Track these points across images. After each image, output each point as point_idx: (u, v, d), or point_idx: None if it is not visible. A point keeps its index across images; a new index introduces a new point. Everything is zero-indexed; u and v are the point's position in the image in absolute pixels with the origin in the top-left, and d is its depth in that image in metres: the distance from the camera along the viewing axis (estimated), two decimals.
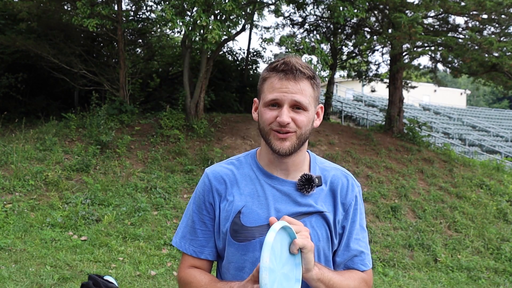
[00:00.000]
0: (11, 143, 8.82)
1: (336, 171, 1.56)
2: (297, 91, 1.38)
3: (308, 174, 1.46)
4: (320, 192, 1.49)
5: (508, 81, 13.09)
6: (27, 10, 11.07)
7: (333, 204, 1.50)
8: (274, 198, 1.46)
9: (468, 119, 28.96)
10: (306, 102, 1.39)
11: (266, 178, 1.49)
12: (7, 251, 5.42)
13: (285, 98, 1.38)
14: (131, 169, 8.58)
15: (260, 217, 1.44)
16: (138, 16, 14.01)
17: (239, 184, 1.50)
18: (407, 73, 16.68)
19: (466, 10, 11.77)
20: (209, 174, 1.54)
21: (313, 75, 1.42)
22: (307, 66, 1.42)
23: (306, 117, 1.41)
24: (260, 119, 1.44)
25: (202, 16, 9.02)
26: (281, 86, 1.38)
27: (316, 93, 1.44)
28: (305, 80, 1.40)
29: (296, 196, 1.46)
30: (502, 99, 57.40)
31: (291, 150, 1.40)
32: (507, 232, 8.74)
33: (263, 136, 1.44)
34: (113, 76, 12.36)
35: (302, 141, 1.43)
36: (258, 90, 1.48)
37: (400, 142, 12.84)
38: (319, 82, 1.46)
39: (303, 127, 1.40)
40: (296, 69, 1.38)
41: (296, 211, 1.44)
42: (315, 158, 1.58)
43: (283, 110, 1.37)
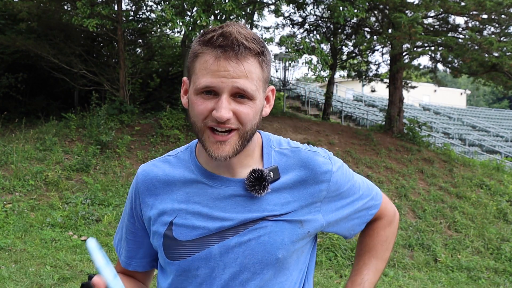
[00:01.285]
0: (11, 143, 8.82)
1: (298, 152, 1.18)
2: (240, 74, 1.02)
3: (258, 169, 1.11)
4: (280, 186, 1.14)
5: (508, 81, 13.09)
6: (27, 10, 11.08)
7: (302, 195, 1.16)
8: (216, 204, 1.13)
9: (468, 119, 28.97)
10: (252, 89, 1.04)
11: (206, 178, 1.16)
12: (7, 251, 5.42)
13: (224, 84, 1.02)
14: (131, 169, 8.58)
15: (197, 229, 1.12)
16: (138, 16, 14.02)
17: (172, 187, 1.18)
18: (407, 73, 16.68)
19: (466, 10, 11.77)
20: (139, 175, 1.23)
21: (261, 49, 1.06)
22: (253, 37, 1.06)
23: (253, 108, 1.06)
24: (191, 111, 1.09)
25: (202, 16, 9.03)
26: (218, 67, 1.02)
27: (266, 73, 1.09)
28: (251, 58, 1.04)
29: (245, 198, 1.13)
30: (502, 99, 57.42)
31: (232, 155, 1.07)
32: (507, 232, 8.74)
33: (196, 133, 1.10)
34: (113, 76, 12.37)
35: (248, 139, 1.09)
36: (188, 69, 1.12)
37: (400, 142, 12.84)
38: (269, 58, 1.10)
39: (248, 122, 1.06)
40: (238, 43, 1.02)
41: (246, 218, 1.11)
42: (269, 141, 1.21)
43: (221, 100, 1.02)
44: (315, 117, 18.57)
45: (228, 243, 1.11)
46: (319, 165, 1.17)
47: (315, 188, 1.16)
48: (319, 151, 1.21)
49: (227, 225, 1.11)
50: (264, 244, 1.11)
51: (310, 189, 1.16)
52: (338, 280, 5.98)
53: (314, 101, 22.48)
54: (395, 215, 1.36)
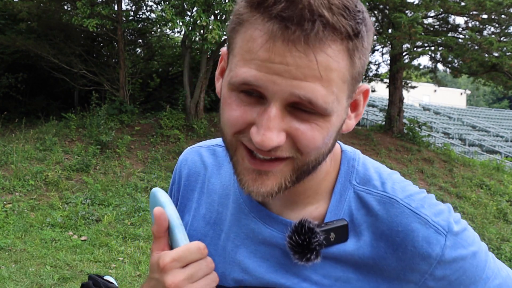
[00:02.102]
0: (11, 143, 8.82)
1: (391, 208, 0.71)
2: (310, 71, 0.58)
3: (309, 228, 0.69)
4: (343, 255, 0.72)
5: (508, 81, 13.10)
6: (27, 10, 11.08)
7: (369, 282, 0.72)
8: (245, 244, 0.77)
9: (468, 119, 28.97)
10: (326, 101, 0.60)
11: (244, 202, 0.78)
12: (7, 251, 5.42)
13: (278, 84, 0.59)
14: (131, 169, 8.58)
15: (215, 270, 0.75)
16: (138, 16, 14.02)
17: (207, 195, 0.85)
18: (407, 73, 16.68)
19: (466, 10, 11.78)
20: (182, 159, 0.91)
21: (356, 28, 0.59)
22: (345, 5, 0.58)
23: (324, 129, 0.63)
24: (221, 112, 0.67)
25: (202, 16, 9.03)
26: (270, 55, 0.58)
27: (359, 67, 0.63)
28: (334, 44, 0.58)
29: (284, 252, 0.74)
30: (502, 99, 57.44)
31: (278, 193, 0.66)
32: (507, 232, 8.74)
33: (226, 147, 0.69)
34: (113, 76, 12.37)
35: (308, 173, 0.67)
36: (228, 40, 0.68)
37: (400, 142, 12.85)
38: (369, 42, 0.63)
39: (311, 150, 0.63)
40: (314, 16, 0.56)
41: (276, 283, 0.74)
42: (350, 170, 0.75)
43: (268, 114, 0.60)
44: None
45: None
46: (416, 241, 0.68)
47: (399, 276, 0.70)
48: (427, 215, 0.69)
49: (247, 283, 0.76)
50: None
51: (391, 275, 0.70)
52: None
53: None
54: None
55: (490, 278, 0.72)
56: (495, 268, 0.73)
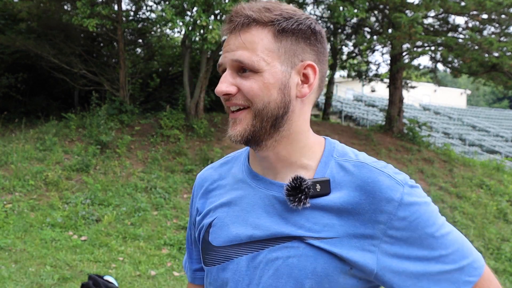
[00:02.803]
0: (11, 143, 8.82)
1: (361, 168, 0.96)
2: (239, 45, 0.94)
3: (299, 177, 0.95)
4: (328, 205, 0.95)
5: (508, 81, 13.09)
6: (27, 10, 11.07)
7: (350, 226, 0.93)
8: (254, 208, 1.01)
9: (468, 119, 28.97)
10: (252, 59, 0.92)
11: (251, 179, 1.06)
12: (7, 251, 5.42)
13: (225, 59, 0.96)
14: (131, 169, 8.58)
15: (229, 235, 1.02)
16: (138, 16, 14.01)
17: (222, 189, 1.11)
18: (407, 73, 16.68)
19: (466, 10, 11.78)
20: (197, 179, 1.19)
21: (275, 17, 0.95)
22: (268, 7, 0.95)
23: (258, 81, 0.93)
24: None
25: (202, 16, 9.02)
26: (225, 44, 0.98)
27: (286, 44, 0.95)
28: (256, 28, 0.94)
29: (284, 208, 0.98)
30: (502, 99, 57.44)
31: (246, 136, 0.96)
32: (507, 232, 8.74)
33: None
34: (113, 76, 12.37)
35: (269, 120, 0.95)
36: None
37: (400, 142, 12.85)
38: (294, 28, 0.96)
39: (254, 97, 0.93)
40: (239, 15, 0.95)
41: (278, 231, 0.97)
42: (332, 149, 1.02)
43: (223, 75, 0.97)
44: (315, 117, 18.58)
45: (256, 256, 0.98)
46: (381, 189, 0.91)
47: (371, 216, 0.91)
48: (389, 172, 0.94)
49: (257, 235, 0.98)
50: (291, 268, 0.94)
51: (365, 217, 0.92)
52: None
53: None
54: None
55: (442, 225, 0.93)
56: (443, 219, 0.95)
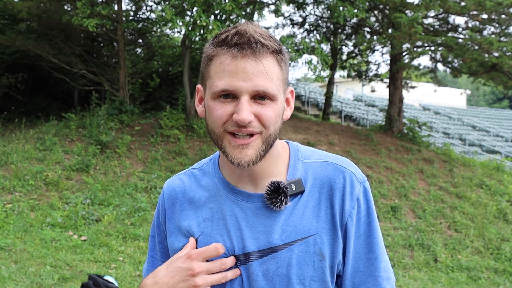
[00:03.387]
0: (11, 143, 8.82)
1: (327, 166, 1.09)
2: (260, 73, 0.97)
3: (276, 181, 1.04)
4: (303, 202, 1.06)
5: (508, 81, 13.09)
6: (27, 10, 11.07)
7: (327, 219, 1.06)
8: (239, 221, 1.07)
9: (468, 119, 28.96)
10: (273, 89, 0.98)
11: (229, 192, 1.10)
12: (7, 251, 5.42)
13: (244, 86, 0.96)
14: (131, 169, 8.58)
15: None
16: (138, 16, 14.02)
17: (197, 203, 1.13)
18: (407, 73, 16.68)
19: (466, 10, 11.77)
20: (165, 190, 1.20)
21: (279, 47, 1.01)
22: (269, 35, 1.01)
23: (275, 110, 1.00)
24: (209, 118, 1.03)
25: (202, 16, 9.02)
26: (236, 68, 0.96)
27: (285, 73, 1.04)
28: (269, 56, 0.99)
29: (266, 216, 1.06)
30: (502, 99, 57.43)
31: (256, 160, 1.01)
32: (507, 232, 8.74)
33: (215, 141, 1.03)
34: (113, 76, 12.37)
35: (271, 143, 1.03)
36: (202, 75, 1.06)
37: (400, 142, 12.84)
38: (287, 58, 1.05)
39: (271, 124, 1.00)
40: (255, 40, 0.97)
41: (265, 242, 1.05)
42: (297, 152, 1.13)
43: (242, 102, 0.97)
44: (315, 117, 18.57)
45: (248, 267, 1.05)
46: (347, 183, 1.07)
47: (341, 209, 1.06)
48: (351, 169, 1.09)
49: (248, 248, 1.05)
50: (281, 277, 1.04)
51: (335, 210, 1.06)
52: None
53: (314, 101, 22.48)
54: None
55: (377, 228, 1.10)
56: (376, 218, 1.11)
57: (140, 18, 14.07)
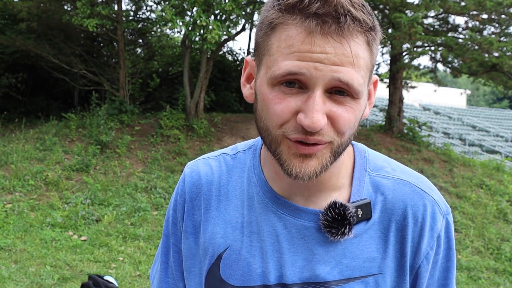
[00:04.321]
0: (11, 143, 8.82)
1: (403, 187, 0.82)
2: (345, 59, 0.67)
3: (340, 204, 0.78)
4: (369, 230, 0.81)
5: (508, 81, 13.10)
6: (27, 10, 11.08)
7: (395, 255, 0.81)
8: (280, 241, 0.81)
9: (468, 119, 28.96)
10: (359, 83, 0.69)
11: (270, 200, 0.83)
12: (7, 251, 5.42)
13: (320, 73, 0.67)
14: (131, 169, 8.58)
15: (253, 274, 0.82)
16: (138, 16, 14.02)
17: (226, 203, 0.86)
18: (407, 73, 16.67)
19: (466, 10, 11.78)
20: (187, 177, 0.91)
21: (373, 23, 0.71)
22: (363, 4, 0.70)
23: (356, 111, 0.72)
24: (262, 110, 0.74)
25: (202, 16, 9.02)
26: (312, 47, 0.67)
27: (374, 59, 0.74)
28: (360, 36, 0.69)
29: (317, 240, 0.80)
30: (502, 99, 57.43)
31: (320, 173, 0.74)
32: (507, 232, 8.74)
33: (267, 143, 0.76)
34: (113, 76, 12.37)
35: (340, 154, 0.75)
36: (257, 45, 0.75)
37: (400, 142, 12.84)
38: (379, 38, 0.74)
39: (347, 131, 0.72)
40: (345, 11, 0.67)
41: (311, 275, 0.80)
42: (364, 160, 0.85)
43: (314, 99, 0.68)
44: None
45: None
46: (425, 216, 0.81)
47: (413, 246, 0.80)
48: (433, 196, 0.83)
49: (288, 279, 0.80)
50: None
51: (407, 246, 0.80)
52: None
53: None
54: None
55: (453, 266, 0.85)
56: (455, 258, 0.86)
57: (140, 18, 14.07)
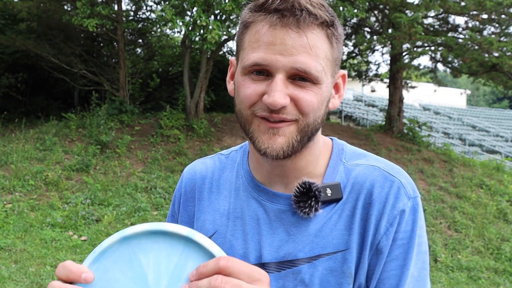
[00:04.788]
0: (11, 143, 8.82)
1: (373, 171, 0.89)
2: (302, 48, 0.78)
3: (307, 181, 0.86)
4: (338, 212, 0.87)
5: (508, 81, 13.10)
6: (27, 10, 11.08)
7: (359, 232, 0.86)
8: (259, 224, 0.91)
9: (468, 119, 28.96)
10: (317, 69, 0.80)
11: (253, 189, 0.93)
12: (7, 251, 5.42)
13: (280, 61, 0.79)
14: (131, 169, 8.58)
15: (235, 253, 0.91)
16: (138, 16, 14.02)
17: (217, 194, 0.98)
18: (407, 73, 16.68)
19: (466, 10, 11.78)
20: (185, 174, 1.05)
21: (331, 19, 0.81)
22: (321, 4, 0.81)
23: (317, 95, 0.82)
24: (236, 96, 0.86)
25: (202, 16, 9.02)
26: (274, 39, 0.79)
27: (336, 52, 0.84)
28: (317, 28, 0.79)
29: (292, 221, 0.88)
30: (502, 99, 57.43)
31: (288, 151, 0.83)
32: (507, 232, 8.74)
33: (242, 125, 0.87)
34: (113, 76, 12.37)
35: (308, 135, 0.84)
36: (236, 45, 0.89)
37: (400, 142, 12.84)
38: (340, 33, 0.85)
39: (310, 112, 0.82)
40: (301, 7, 0.78)
41: (285, 254, 0.88)
42: (341, 152, 0.94)
43: (275, 82, 0.79)
44: None
45: None
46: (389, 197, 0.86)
47: (379, 224, 0.85)
48: (401, 180, 0.88)
49: (265, 258, 0.89)
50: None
51: (373, 224, 0.85)
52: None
53: None
54: None
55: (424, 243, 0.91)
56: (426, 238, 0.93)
57: (140, 18, 14.08)
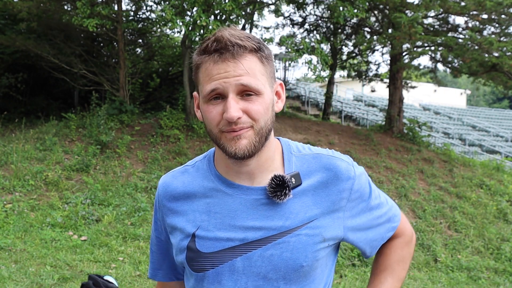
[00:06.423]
0: (11, 143, 8.82)
1: (320, 158, 1.17)
2: (241, 72, 1.03)
3: (280, 175, 1.10)
4: (302, 192, 1.13)
5: (508, 81, 13.09)
6: (27, 10, 11.07)
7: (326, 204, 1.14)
8: (238, 214, 1.12)
9: (468, 119, 28.96)
10: (257, 84, 1.05)
11: (226, 187, 1.15)
12: (7, 251, 5.42)
13: (227, 84, 1.03)
14: (131, 169, 8.58)
15: (220, 241, 1.12)
16: (138, 16, 14.01)
17: (192, 199, 1.18)
18: (407, 73, 16.68)
19: (466, 10, 11.78)
20: (159, 187, 1.25)
21: (258, 45, 1.07)
22: (247, 36, 1.07)
23: (262, 103, 1.06)
24: (205, 120, 1.10)
25: (202, 16, 9.02)
26: (218, 70, 1.04)
27: (269, 68, 1.10)
28: (248, 55, 1.05)
29: (267, 206, 1.11)
30: (502, 99, 57.42)
31: (251, 150, 1.07)
32: (507, 232, 8.74)
33: (214, 141, 1.11)
34: (113, 76, 12.37)
35: (264, 135, 1.08)
36: (195, 82, 1.14)
37: (400, 142, 12.84)
38: (269, 53, 1.10)
39: (260, 118, 1.06)
40: (232, 43, 1.04)
41: (268, 230, 1.11)
42: (289, 147, 1.20)
43: (228, 101, 1.03)
44: (315, 117, 18.57)
45: (251, 256, 1.11)
46: (341, 171, 1.15)
47: (337, 195, 1.14)
48: (341, 157, 1.19)
49: (250, 238, 1.11)
50: (286, 261, 1.10)
51: (332, 196, 1.14)
52: (338, 280, 5.98)
53: (314, 101, 22.48)
54: (413, 236, 1.35)
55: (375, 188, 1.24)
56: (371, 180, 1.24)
57: (140, 18, 14.07)
